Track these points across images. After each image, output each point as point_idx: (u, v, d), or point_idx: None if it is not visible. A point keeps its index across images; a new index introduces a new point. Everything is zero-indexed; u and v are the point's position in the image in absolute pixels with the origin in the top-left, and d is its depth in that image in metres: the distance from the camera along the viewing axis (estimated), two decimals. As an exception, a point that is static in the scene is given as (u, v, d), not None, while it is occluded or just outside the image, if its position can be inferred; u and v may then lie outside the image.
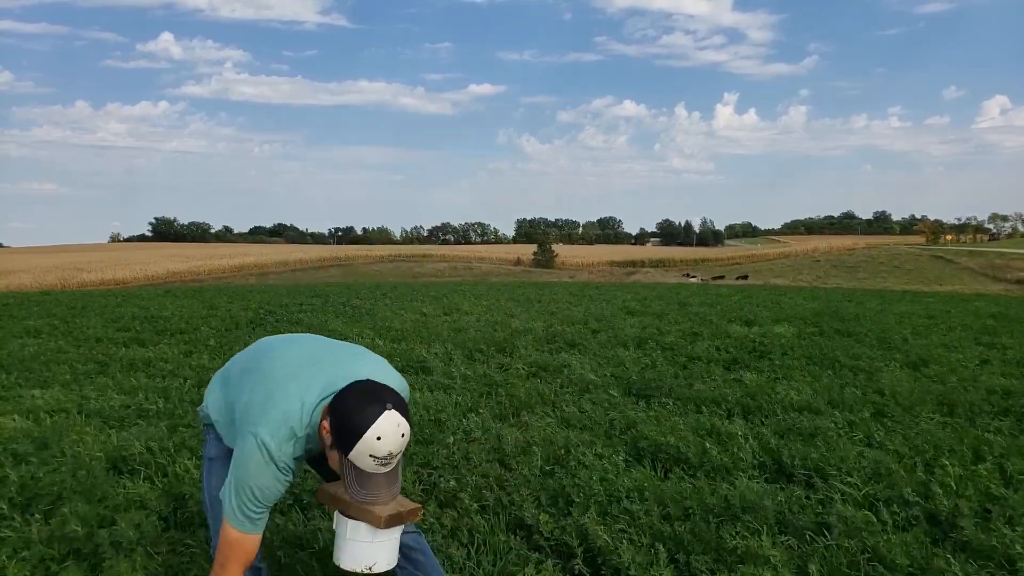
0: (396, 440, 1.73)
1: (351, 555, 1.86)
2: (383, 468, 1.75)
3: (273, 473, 1.81)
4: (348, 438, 1.72)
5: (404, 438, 1.75)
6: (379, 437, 1.71)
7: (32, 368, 6.83)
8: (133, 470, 3.81)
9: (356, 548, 1.85)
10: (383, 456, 1.72)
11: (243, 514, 1.81)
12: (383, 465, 1.74)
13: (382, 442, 1.71)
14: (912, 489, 3.36)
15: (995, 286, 35.10)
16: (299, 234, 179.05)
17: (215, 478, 2.06)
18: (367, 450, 1.71)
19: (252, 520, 1.82)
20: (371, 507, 1.82)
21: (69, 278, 37.31)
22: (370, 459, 1.72)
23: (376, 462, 1.72)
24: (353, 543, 1.85)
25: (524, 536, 3.05)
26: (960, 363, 6.95)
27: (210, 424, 2.16)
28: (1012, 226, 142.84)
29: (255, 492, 1.80)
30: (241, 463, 1.81)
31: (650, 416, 4.82)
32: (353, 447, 1.72)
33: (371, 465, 1.73)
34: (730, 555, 2.80)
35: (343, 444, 1.74)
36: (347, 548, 1.86)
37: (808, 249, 70.42)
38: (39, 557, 2.79)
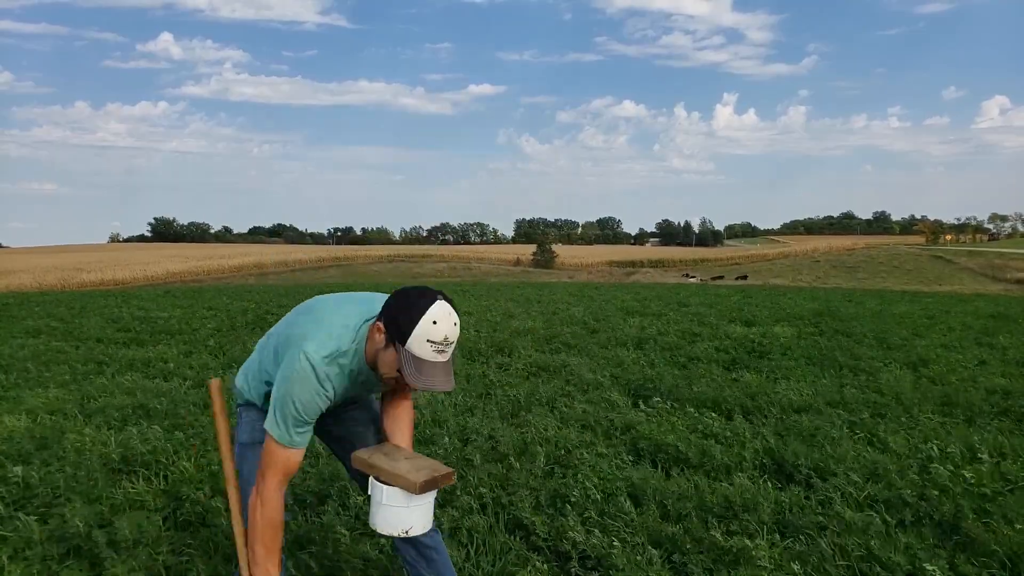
0: (450, 326, 1.78)
1: (386, 520, 1.89)
2: (440, 356, 1.77)
3: (315, 387, 1.84)
4: (404, 326, 1.76)
5: (456, 327, 1.80)
6: (435, 322, 1.75)
7: (32, 368, 6.83)
8: (133, 470, 3.81)
9: (392, 513, 1.88)
10: (440, 340, 1.76)
11: (285, 427, 1.85)
12: (440, 352, 1.77)
13: (438, 326, 1.75)
14: (911, 489, 3.36)
15: (994, 286, 35.11)
16: (298, 234, 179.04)
17: (246, 464, 2.06)
18: (424, 335, 1.75)
19: (293, 434, 1.86)
20: (405, 473, 1.86)
21: (69, 278, 37.29)
22: (428, 344, 1.75)
23: (434, 348, 1.76)
24: (389, 508, 1.88)
25: (523, 536, 3.05)
26: (959, 363, 6.96)
27: (243, 404, 2.16)
28: (1012, 226, 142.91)
29: (297, 406, 1.84)
30: (286, 379, 1.85)
31: (649, 416, 4.82)
32: (410, 334, 1.75)
33: (429, 352, 1.76)
34: (728, 555, 2.80)
35: (400, 334, 1.77)
36: (383, 513, 1.89)
37: (808, 249, 70.40)
38: (39, 557, 2.79)
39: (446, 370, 1.81)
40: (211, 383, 2.12)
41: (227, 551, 2.89)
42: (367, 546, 2.95)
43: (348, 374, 1.92)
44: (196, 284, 34.16)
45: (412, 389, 1.92)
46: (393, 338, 1.79)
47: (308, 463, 3.81)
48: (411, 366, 1.77)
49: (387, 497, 1.88)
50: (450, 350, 1.81)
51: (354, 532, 3.07)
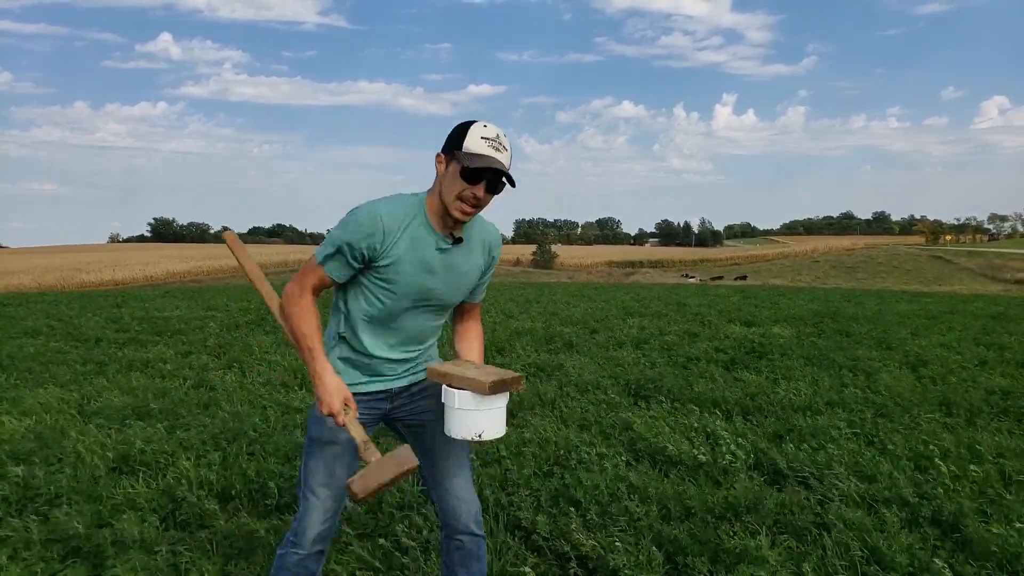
0: (500, 130, 1.93)
1: (459, 424, 1.95)
2: (496, 153, 1.89)
3: (364, 212, 1.92)
4: (459, 135, 1.90)
5: (506, 137, 1.93)
6: (485, 125, 1.92)
7: (31, 368, 6.83)
8: (132, 470, 3.81)
9: (464, 417, 1.94)
10: (493, 137, 1.90)
11: (323, 247, 1.97)
12: (495, 150, 1.89)
13: (488, 128, 1.91)
14: (911, 489, 3.36)
15: (994, 286, 35.11)
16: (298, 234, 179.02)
17: (311, 459, 2.06)
18: (478, 134, 1.89)
19: (325, 255, 1.95)
20: (475, 377, 1.93)
21: (68, 279, 37.26)
22: (482, 141, 1.88)
23: (488, 144, 1.89)
24: (461, 412, 1.94)
25: (523, 537, 3.05)
26: (959, 363, 6.96)
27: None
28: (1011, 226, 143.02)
29: (341, 226, 1.94)
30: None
31: (649, 417, 4.82)
32: (465, 137, 1.89)
33: (484, 147, 1.88)
34: (728, 555, 2.80)
35: (456, 142, 1.90)
36: (455, 417, 1.96)
37: (807, 249, 70.42)
38: (39, 557, 2.79)
39: (502, 165, 1.90)
40: (225, 235, 2.21)
41: (227, 551, 2.89)
42: (368, 546, 2.95)
43: (405, 216, 1.94)
44: (196, 284, 34.15)
45: (470, 204, 1.91)
46: (451, 148, 1.91)
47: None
48: (470, 160, 1.87)
49: (459, 401, 1.94)
50: (504, 152, 1.91)
51: (354, 531, 3.07)
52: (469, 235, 2.04)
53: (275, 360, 7.21)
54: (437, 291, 2.02)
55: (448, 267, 2.01)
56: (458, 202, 1.90)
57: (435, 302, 2.05)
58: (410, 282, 1.97)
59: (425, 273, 1.98)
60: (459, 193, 1.89)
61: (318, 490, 2.04)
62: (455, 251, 2.01)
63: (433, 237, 1.97)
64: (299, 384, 6.15)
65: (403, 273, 1.95)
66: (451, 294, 2.07)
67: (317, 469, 2.04)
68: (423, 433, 2.17)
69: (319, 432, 2.04)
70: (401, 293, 1.97)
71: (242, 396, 5.56)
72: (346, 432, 1.96)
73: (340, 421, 1.90)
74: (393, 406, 2.12)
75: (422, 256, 1.96)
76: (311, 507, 2.04)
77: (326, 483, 2.04)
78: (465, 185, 1.88)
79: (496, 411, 1.95)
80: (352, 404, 1.94)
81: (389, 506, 3.32)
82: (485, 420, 1.94)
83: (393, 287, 1.96)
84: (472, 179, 1.87)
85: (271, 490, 3.45)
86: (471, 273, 2.08)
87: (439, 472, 2.17)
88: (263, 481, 3.56)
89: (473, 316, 2.24)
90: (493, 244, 2.13)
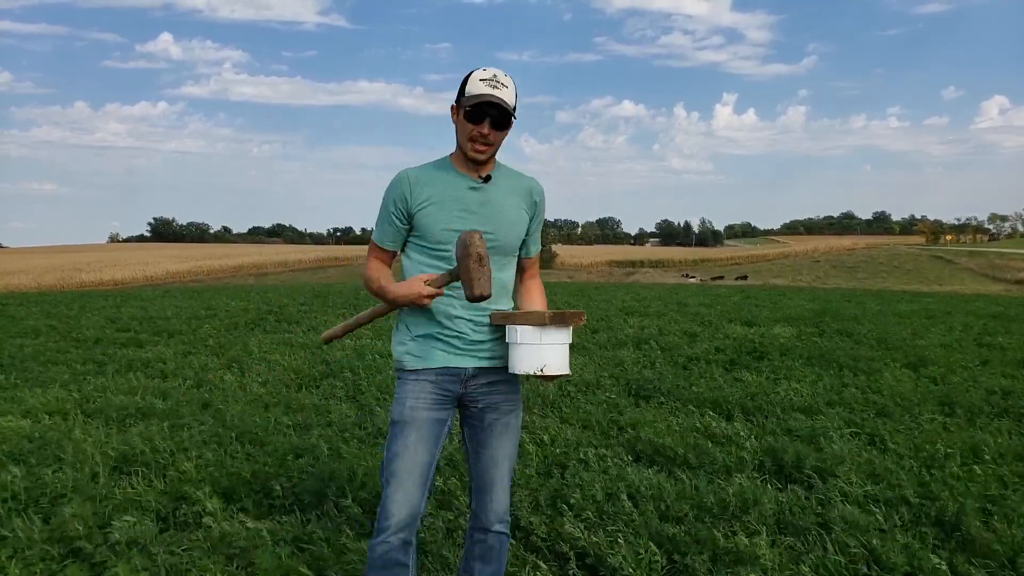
0: (495, 70, 2.09)
1: (521, 358, 2.00)
2: (494, 91, 2.03)
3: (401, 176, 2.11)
4: (463, 83, 2.08)
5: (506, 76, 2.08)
6: (484, 69, 2.08)
7: (31, 368, 6.83)
8: (133, 470, 3.81)
9: (526, 351, 1.98)
10: (490, 77, 2.05)
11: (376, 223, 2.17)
12: (493, 88, 2.03)
13: (486, 70, 2.07)
14: (912, 490, 3.36)
15: (995, 286, 35.10)
16: (298, 234, 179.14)
17: (393, 442, 2.10)
18: (477, 76, 2.06)
19: (377, 228, 2.17)
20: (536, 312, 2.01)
21: (68, 278, 37.28)
22: (481, 83, 2.04)
23: (487, 84, 2.04)
24: (523, 347, 1.99)
25: (521, 537, 3.05)
26: (960, 363, 6.96)
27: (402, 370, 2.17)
28: (1012, 226, 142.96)
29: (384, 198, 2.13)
30: None
31: (649, 416, 4.82)
32: (467, 83, 2.06)
33: (484, 88, 2.04)
34: (728, 555, 2.80)
35: (461, 90, 2.08)
36: (517, 352, 2.01)
37: (808, 249, 70.42)
38: (39, 557, 2.79)
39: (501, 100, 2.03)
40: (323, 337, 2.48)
41: (227, 551, 2.89)
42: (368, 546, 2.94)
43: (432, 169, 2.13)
44: (195, 284, 34.15)
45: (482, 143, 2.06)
46: (459, 96, 2.08)
47: (307, 463, 3.81)
48: (469, 101, 2.03)
49: (520, 335, 1.98)
50: (503, 89, 2.05)
51: (354, 532, 3.07)
52: (505, 181, 2.16)
53: (275, 359, 7.21)
54: (483, 230, 2.06)
55: (485, 203, 2.11)
56: (470, 143, 2.05)
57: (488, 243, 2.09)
58: (449, 219, 2.07)
59: (460, 211, 2.08)
60: (469, 135, 2.05)
61: (400, 474, 2.06)
62: (489, 190, 2.12)
63: (462, 179, 2.10)
64: (299, 385, 6.15)
65: (438, 211, 2.07)
66: (500, 233, 2.12)
67: (399, 452, 2.07)
68: (479, 427, 2.20)
69: (400, 413, 2.10)
70: (443, 232, 2.06)
71: (242, 396, 5.56)
72: (424, 413, 2.08)
73: (430, 292, 2.01)
74: (465, 391, 2.15)
75: (454, 196, 2.08)
76: (392, 491, 2.06)
77: (408, 467, 2.07)
78: (471, 126, 2.03)
79: (559, 347, 1.98)
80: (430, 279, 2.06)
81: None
82: (548, 354, 1.96)
83: (434, 227, 2.06)
84: (476, 119, 2.02)
85: (274, 490, 3.45)
86: (513, 211, 2.16)
87: (481, 465, 2.21)
88: (263, 481, 3.56)
89: (533, 274, 2.31)
90: (534, 189, 2.22)
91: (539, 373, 1.97)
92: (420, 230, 2.09)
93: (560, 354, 1.99)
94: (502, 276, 2.15)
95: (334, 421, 4.80)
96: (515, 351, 2.01)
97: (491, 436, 2.19)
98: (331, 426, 4.67)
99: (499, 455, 2.21)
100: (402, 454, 2.07)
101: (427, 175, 2.10)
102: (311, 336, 9.10)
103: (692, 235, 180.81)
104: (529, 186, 2.21)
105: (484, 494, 2.22)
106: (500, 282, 2.13)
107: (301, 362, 7.05)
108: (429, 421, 2.09)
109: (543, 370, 1.97)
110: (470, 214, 2.07)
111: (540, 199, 2.22)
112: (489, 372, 2.15)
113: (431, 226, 2.06)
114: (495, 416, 2.18)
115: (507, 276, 2.19)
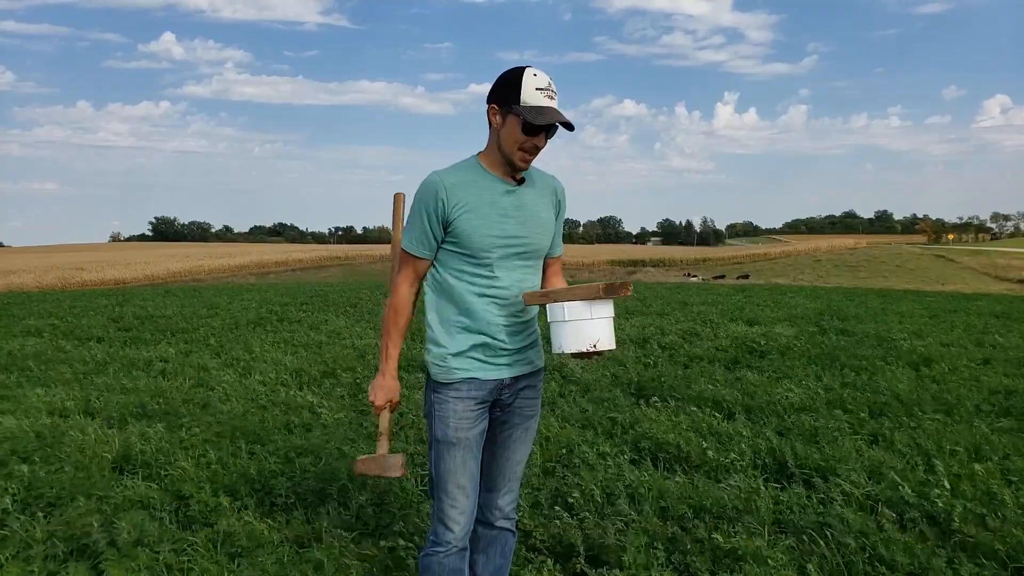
0: (547, 76, 1.97)
1: (573, 336, 1.90)
2: (551, 101, 1.95)
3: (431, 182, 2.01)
4: (512, 89, 1.95)
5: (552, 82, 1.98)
6: (535, 74, 1.95)
7: (33, 368, 6.83)
8: (134, 469, 3.82)
9: (575, 328, 1.90)
10: (546, 86, 1.95)
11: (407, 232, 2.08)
12: (549, 97, 1.95)
13: (539, 76, 1.95)
14: (913, 489, 3.36)
15: (997, 286, 35.02)
16: (299, 233, 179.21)
17: (442, 462, 2.09)
18: (532, 85, 1.94)
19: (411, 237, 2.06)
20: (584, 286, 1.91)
21: (69, 278, 37.29)
22: (538, 92, 1.94)
23: (543, 94, 1.94)
24: (574, 324, 1.90)
25: (523, 536, 3.05)
26: (962, 363, 6.95)
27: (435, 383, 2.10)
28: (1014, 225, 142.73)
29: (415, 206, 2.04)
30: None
31: (651, 416, 4.82)
32: (520, 90, 1.94)
33: (541, 98, 1.94)
34: (729, 555, 2.80)
35: (513, 96, 1.95)
36: (567, 330, 1.90)
37: (809, 248, 70.33)
38: (40, 556, 2.79)
39: (561, 114, 1.95)
40: (396, 196, 2.29)
41: (229, 550, 2.89)
42: (368, 546, 2.95)
43: (464, 173, 2.04)
44: (197, 283, 34.17)
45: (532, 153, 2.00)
46: (508, 103, 1.95)
47: (309, 462, 3.82)
48: (531, 114, 1.92)
49: (569, 312, 1.89)
50: (556, 98, 1.97)
51: (354, 532, 3.07)
52: (532, 180, 2.12)
53: (276, 358, 7.21)
54: (520, 232, 2.05)
55: (520, 207, 2.07)
56: (519, 152, 1.99)
57: (522, 247, 2.07)
58: (488, 224, 2.01)
59: (499, 216, 2.03)
60: (520, 144, 1.97)
61: (453, 491, 2.08)
62: (523, 192, 2.08)
63: (497, 183, 2.04)
64: (299, 384, 6.15)
65: (476, 218, 2.00)
66: (535, 236, 2.10)
67: (452, 470, 2.07)
68: (502, 430, 2.19)
69: (444, 434, 2.08)
70: (483, 239, 2.00)
71: (243, 395, 5.56)
72: (469, 432, 2.07)
73: (378, 411, 2.12)
74: (499, 397, 2.13)
75: (490, 200, 2.02)
76: (449, 507, 2.08)
77: (460, 483, 2.08)
78: (527, 137, 1.96)
79: (609, 320, 1.91)
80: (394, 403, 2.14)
81: (391, 506, 3.32)
82: (601, 328, 1.89)
83: (472, 234, 2.00)
84: (534, 131, 1.95)
85: (276, 489, 3.46)
86: (544, 212, 2.13)
87: (495, 463, 2.21)
88: (265, 480, 3.57)
89: (556, 271, 2.27)
90: (558, 188, 2.20)
91: (591, 349, 1.89)
92: (459, 237, 2.01)
93: (610, 327, 1.92)
94: (533, 279, 2.13)
95: (336, 420, 4.80)
96: (562, 329, 1.91)
97: (512, 439, 2.20)
98: (332, 425, 4.68)
99: (516, 457, 2.23)
100: (455, 471, 2.07)
101: (460, 179, 2.02)
102: (312, 335, 9.10)
103: (694, 234, 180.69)
104: (553, 185, 2.19)
105: (493, 491, 2.23)
106: (531, 287, 2.12)
107: (302, 361, 7.06)
108: (474, 439, 2.09)
109: (596, 345, 1.89)
110: (506, 218, 2.03)
111: (563, 198, 2.21)
112: (520, 378, 2.14)
113: (471, 233, 1.99)
114: (519, 420, 2.19)
115: (537, 280, 2.17)
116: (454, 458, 2.07)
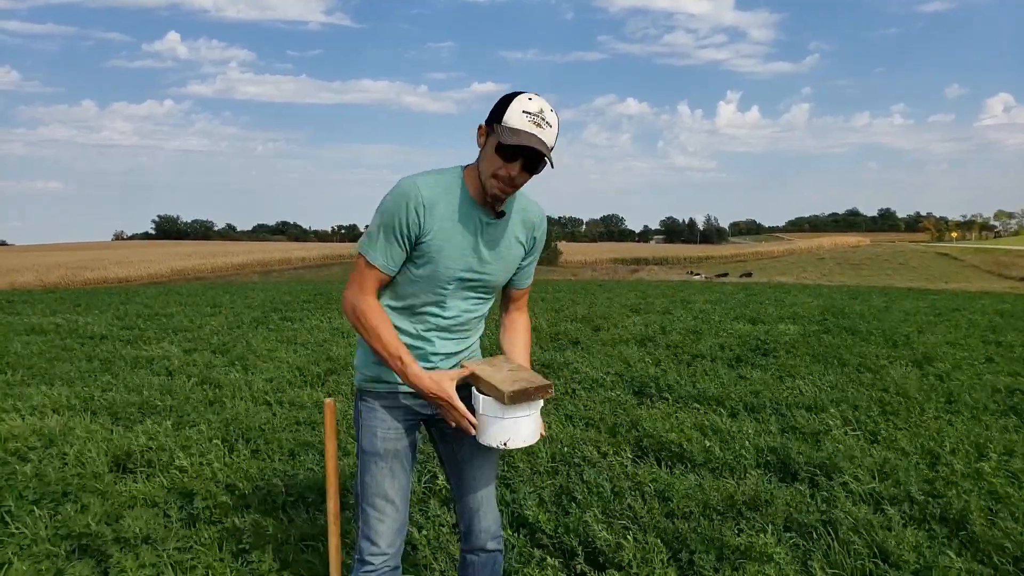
0: (546, 104, 1.78)
1: (485, 431, 1.87)
2: (537, 130, 1.75)
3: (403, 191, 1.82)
4: (501, 106, 1.78)
5: (553, 112, 1.79)
6: (530, 98, 1.77)
7: (37, 366, 6.85)
8: (139, 467, 3.82)
9: (489, 424, 1.86)
10: (535, 112, 1.75)
11: (368, 238, 1.88)
12: (536, 125, 1.75)
13: (533, 101, 1.76)
14: (918, 487, 3.35)
15: (1001, 283, 34.95)
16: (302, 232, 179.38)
17: (367, 474, 1.99)
18: (520, 107, 1.76)
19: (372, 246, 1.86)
20: (499, 384, 1.83)
21: (73, 276, 37.37)
22: (524, 115, 1.75)
23: (530, 119, 1.75)
24: (486, 419, 1.86)
25: (527, 534, 3.05)
26: (966, 361, 6.93)
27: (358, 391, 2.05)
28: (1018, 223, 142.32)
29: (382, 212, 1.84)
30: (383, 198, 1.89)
31: (654, 414, 4.81)
32: (507, 109, 1.76)
33: (525, 122, 1.75)
34: (734, 553, 2.79)
35: (497, 115, 1.77)
36: (481, 423, 1.88)
37: (813, 246, 70.25)
38: (46, 554, 2.80)
39: (542, 144, 1.75)
40: (326, 404, 2.14)
41: (233, 548, 2.89)
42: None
43: (445, 189, 1.85)
44: (200, 282, 34.22)
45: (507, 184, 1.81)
46: (492, 120, 1.79)
47: (313, 460, 3.82)
48: (506, 135, 1.74)
49: (484, 407, 1.86)
50: (548, 129, 1.76)
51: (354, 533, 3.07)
52: (512, 209, 1.95)
53: (280, 356, 7.21)
54: (482, 269, 1.94)
55: (493, 242, 1.93)
56: (493, 180, 1.80)
57: (480, 282, 1.96)
58: (455, 256, 1.87)
59: (469, 249, 1.89)
60: (494, 171, 1.79)
61: (381, 504, 1.98)
62: (499, 226, 1.93)
63: (476, 211, 1.88)
64: (303, 382, 6.15)
65: (446, 248, 1.86)
66: (497, 274, 1.98)
67: (380, 481, 1.98)
68: (457, 446, 2.09)
69: (372, 445, 1.99)
70: (445, 271, 1.87)
71: (247, 393, 5.57)
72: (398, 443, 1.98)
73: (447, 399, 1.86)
74: (434, 412, 2.02)
75: (464, 230, 1.87)
76: (376, 521, 1.98)
77: (387, 495, 1.98)
78: (501, 163, 1.77)
79: (523, 419, 1.85)
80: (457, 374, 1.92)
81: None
82: (511, 428, 1.84)
83: (436, 265, 1.86)
84: (508, 157, 1.76)
85: (279, 487, 3.46)
86: (515, 249, 1.99)
87: (464, 485, 2.11)
88: (269, 478, 3.57)
89: (520, 306, 2.14)
90: (536, 223, 2.02)
91: (501, 447, 1.85)
92: (426, 251, 1.85)
93: (523, 426, 1.86)
94: (482, 309, 2.03)
95: (338, 419, 4.80)
96: (479, 420, 1.87)
97: (471, 454, 2.08)
98: (337, 423, 4.68)
99: (482, 472, 2.11)
100: (382, 482, 1.98)
101: (439, 196, 1.84)
102: (315, 334, 9.11)
103: (697, 232, 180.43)
104: (532, 219, 2.01)
105: (473, 513, 2.12)
106: (478, 318, 2.03)
107: (305, 360, 7.06)
108: (403, 451, 2.00)
109: (505, 444, 1.84)
110: (475, 251, 1.90)
111: (540, 233, 2.04)
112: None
113: (439, 256, 1.86)
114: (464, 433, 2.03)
115: (486, 308, 2.06)
116: (381, 470, 1.98)
